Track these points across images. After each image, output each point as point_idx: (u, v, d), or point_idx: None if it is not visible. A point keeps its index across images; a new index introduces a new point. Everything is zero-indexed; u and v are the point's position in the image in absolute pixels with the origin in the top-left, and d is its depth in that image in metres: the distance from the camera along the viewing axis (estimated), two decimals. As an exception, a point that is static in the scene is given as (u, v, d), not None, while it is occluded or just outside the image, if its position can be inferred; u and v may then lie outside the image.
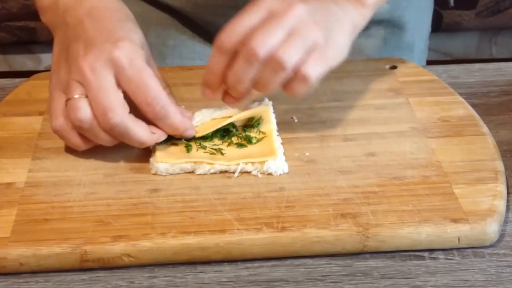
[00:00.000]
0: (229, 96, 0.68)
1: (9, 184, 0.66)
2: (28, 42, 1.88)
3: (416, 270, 0.60)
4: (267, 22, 0.64)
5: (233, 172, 0.67)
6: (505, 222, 0.65)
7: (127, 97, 0.65)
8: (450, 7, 1.78)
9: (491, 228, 0.62)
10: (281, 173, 0.67)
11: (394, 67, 0.84)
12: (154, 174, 0.67)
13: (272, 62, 0.63)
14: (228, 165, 0.67)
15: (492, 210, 0.63)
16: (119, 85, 0.65)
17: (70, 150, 0.70)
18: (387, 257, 0.62)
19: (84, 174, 0.67)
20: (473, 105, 0.77)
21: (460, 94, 0.79)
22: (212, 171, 0.67)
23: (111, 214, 0.63)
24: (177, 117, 0.67)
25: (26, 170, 0.68)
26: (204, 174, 0.67)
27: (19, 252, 0.59)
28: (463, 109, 0.76)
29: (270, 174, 0.67)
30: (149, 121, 0.67)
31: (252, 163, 0.67)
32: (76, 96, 0.64)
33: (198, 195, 0.65)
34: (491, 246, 0.62)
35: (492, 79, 0.84)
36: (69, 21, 0.69)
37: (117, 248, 0.60)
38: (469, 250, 0.62)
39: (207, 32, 0.93)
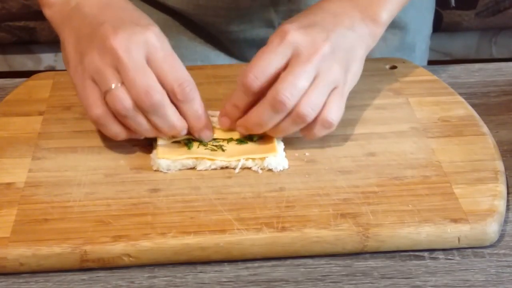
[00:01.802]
0: (243, 128, 0.69)
1: (9, 184, 0.66)
2: (28, 42, 1.88)
3: (416, 270, 0.60)
4: (294, 67, 0.65)
5: (234, 168, 0.68)
6: (505, 222, 0.65)
7: None
8: (451, 7, 1.78)
9: (491, 228, 0.62)
10: (281, 169, 0.68)
11: (394, 67, 0.84)
12: (155, 170, 0.67)
13: (296, 116, 0.65)
14: (228, 161, 0.67)
15: (492, 210, 0.63)
16: (149, 66, 0.64)
17: (70, 150, 0.70)
18: (387, 257, 0.62)
19: (84, 174, 0.67)
20: (473, 105, 0.77)
21: (460, 94, 0.79)
22: (213, 167, 0.68)
23: (111, 214, 0.63)
24: (202, 105, 0.67)
25: (26, 170, 0.68)
26: (205, 170, 0.68)
27: (19, 252, 0.59)
28: (463, 109, 0.76)
29: (270, 170, 0.67)
30: None
31: (253, 159, 0.68)
32: (113, 85, 0.64)
33: (198, 195, 0.65)
34: (491, 246, 0.62)
35: (492, 79, 0.84)
36: (86, 12, 0.68)
37: (117, 248, 0.60)
38: (469, 250, 0.62)
39: (208, 34, 0.93)
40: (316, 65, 0.65)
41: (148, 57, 0.64)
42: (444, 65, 0.87)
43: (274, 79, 0.65)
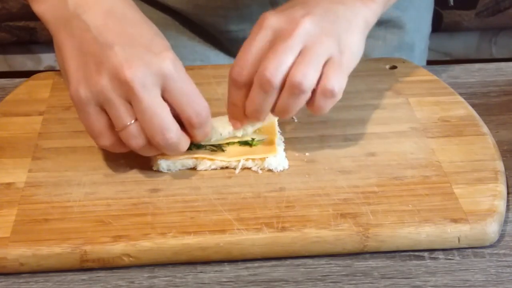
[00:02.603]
0: (247, 120, 0.68)
1: (9, 184, 0.66)
2: (28, 42, 1.87)
3: (416, 270, 0.60)
4: (275, 46, 0.62)
5: (234, 168, 0.68)
6: (505, 222, 0.65)
7: None
8: (450, 7, 1.78)
9: (491, 228, 0.62)
10: (282, 170, 0.68)
11: (394, 67, 0.84)
12: (155, 170, 0.67)
13: (289, 87, 0.62)
14: (228, 161, 0.67)
15: (492, 210, 0.63)
16: (164, 97, 0.61)
17: (70, 150, 0.70)
18: (387, 257, 0.62)
19: (84, 174, 0.67)
20: (473, 105, 0.77)
21: (460, 94, 0.79)
22: (213, 167, 0.68)
23: (111, 214, 0.63)
24: (211, 125, 0.66)
25: (26, 170, 0.68)
26: (205, 170, 0.68)
27: (19, 252, 0.59)
28: (463, 109, 0.76)
29: (270, 170, 0.67)
30: None
31: (253, 159, 0.67)
32: (128, 123, 0.61)
33: (198, 195, 0.65)
34: (491, 246, 0.62)
35: (492, 79, 0.84)
36: (87, 20, 0.62)
37: (117, 248, 0.60)
38: (469, 250, 0.62)
39: (207, 33, 0.93)
40: (299, 40, 0.62)
41: (165, 88, 0.61)
42: (444, 65, 0.87)
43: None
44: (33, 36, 1.84)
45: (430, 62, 1.05)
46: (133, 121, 0.61)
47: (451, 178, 0.66)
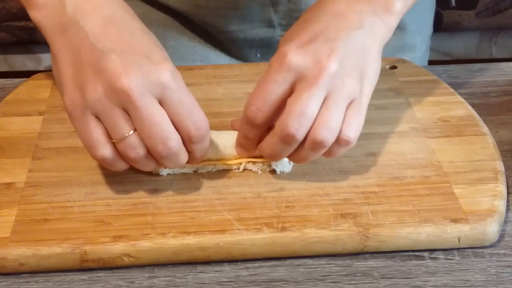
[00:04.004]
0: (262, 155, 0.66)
1: (9, 184, 0.66)
2: (28, 42, 1.88)
3: (416, 270, 0.60)
4: (299, 93, 0.60)
5: (236, 169, 0.67)
6: (505, 222, 0.65)
7: None
8: (451, 7, 1.78)
9: (491, 228, 0.62)
10: (284, 171, 0.68)
11: (394, 67, 0.84)
12: (155, 174, 0.67)
13: (312, 143, 0.61)
14: (230, 164, 0.67)
15: (492, 210, 0.63)
16: (163, 107, 0.59)
17: (70, 150, 0.70)
18: (387, 257, 0.62)
19: (84, 174, 0.67)
20: (473, 105, 0.77)
21: (460, 94, 0.79)
22: (214, 170, 0.68)
23: (111, 214, 0.63)
24: (209, 139, 0.64)
25: (26, 170, 0.68)
26: (206, 172, 0.67)
27: (19, 252, 0.59)
28: (463, 109, 0.76)
29: (271, 171, 0.67)
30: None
31: (253, 163, 0.67)
32: (127, 134, 0.58)
33: (198, 195, 0.65)
34: (491, 246, 0.62)
35: (492, 79, 0.84)
36: (85, 26, 0.60)
37: (117, 248, 0.60)
38: (469, 250, 0.62)
39: (208, 34, 0.93)
40: (324, 86, 0.59)
41: (162, 99, 0.58)
42: (444, 65, 0.87)
43: (281, 106, 0.61)
44: (33, 36, 1.84)
45: (430, 62, 1.05)
46: (131, 132, 0.58)
47: (451, 178, 0.66)
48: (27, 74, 0.85)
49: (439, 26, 1.84)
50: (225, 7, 0.88)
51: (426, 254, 0.62)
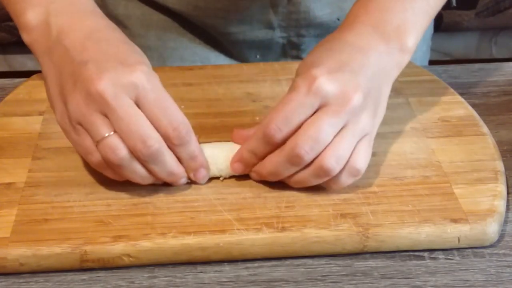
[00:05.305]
0: (256, 174, 0.65)
1: (9, 184, 0.66)
2: (28, 42, 1.87)
3: (416, 270, 0.60)
4: (319, 119, 0.60)
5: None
6: (505, 222, 0.65)
7: None
8: (452, 7, 1.78)
9: (491, 228, 0.62)
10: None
11: (394, 67, 0.84)
12: None
13: (318, 169, 0.61)
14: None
15: (492, 210, 0.63)
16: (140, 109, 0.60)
17: (70, 150, 0.70)
18: (387, 257, 0.62)
19: (84, 174, 0.67)
20: (473, 105, 0.77)
21: (460, 94, 0.79)
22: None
23: (111, 214, 0.63)
24: (198, 145, 0.63)
25: (26, 170, 0.68)
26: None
27: (19, 252, 0.59)
28: (463, 109, 0.76)
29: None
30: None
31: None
32: (106, 134, 0.59)
33: (198, 195, 0.65)
34: (491, 246, 0.62)
35: (492, 79, 0.84)
36: (67, 44, 0.62)
37: (117, 248, 0.60)
38: (469, 250, 0.62)
39: (208, 35, 0.93)
40: (344, 118, 0.60)
41: (138, 100, 0.59)
42: (444, 65, 0.87)
43: (298, 128, 0.61)
44: (33, 36, 1.84)
45: (430, 62, 1.05)
46: (111, 133, 0.59)
47: (451, 178, 0.66)
48: (27, 74, 0.85)
49: (439, 26, 1.84)
50: (225, 8, 0.88)
51: (426, 254, 0.62)
